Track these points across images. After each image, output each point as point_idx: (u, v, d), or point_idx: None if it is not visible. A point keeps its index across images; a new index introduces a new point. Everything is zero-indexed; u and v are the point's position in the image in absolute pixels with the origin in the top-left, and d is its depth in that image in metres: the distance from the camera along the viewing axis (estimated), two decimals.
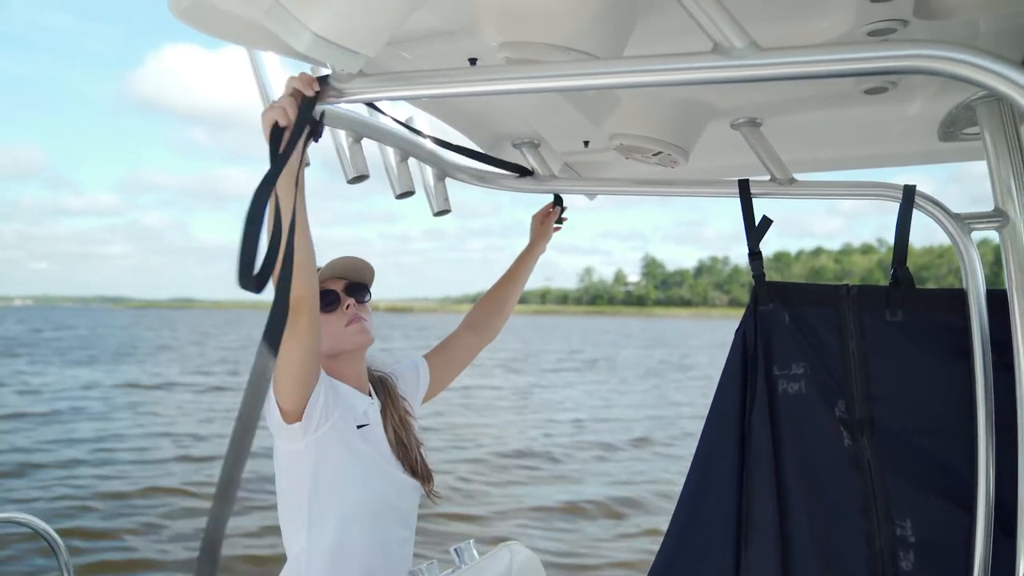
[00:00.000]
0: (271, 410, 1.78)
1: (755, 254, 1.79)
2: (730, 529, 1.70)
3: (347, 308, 1.96)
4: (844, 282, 1.73)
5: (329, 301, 1.95)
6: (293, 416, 1.76)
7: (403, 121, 1.73)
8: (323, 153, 1.93)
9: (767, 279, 1.76)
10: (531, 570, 2.20)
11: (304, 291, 1.55)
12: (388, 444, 1.98)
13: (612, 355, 42.80)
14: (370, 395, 2.01)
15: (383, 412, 2.01)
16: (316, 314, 1.63)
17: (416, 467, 2.00)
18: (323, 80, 1.34)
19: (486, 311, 2.40)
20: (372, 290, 2.05)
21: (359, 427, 1.92)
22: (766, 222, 1.81)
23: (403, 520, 1.99)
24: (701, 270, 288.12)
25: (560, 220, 2.51)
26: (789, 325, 1.74)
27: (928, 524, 1.62)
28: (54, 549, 2.69)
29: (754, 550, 1.67)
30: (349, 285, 2.00)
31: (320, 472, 1.83)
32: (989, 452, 1.54)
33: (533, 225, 2.51)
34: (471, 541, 2.27)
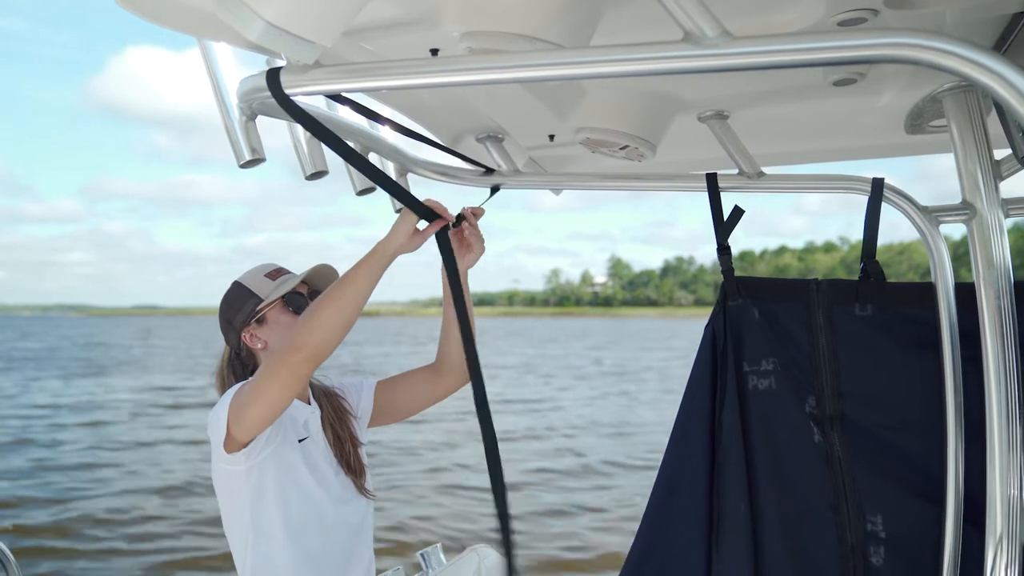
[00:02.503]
0: (215, 433, 1.75)
1: (724, 249, 1.77)
2: (701, 525, 1.68)
3: None
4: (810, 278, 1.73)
5: (299, 305, 1.93)
6: (239, 445, 1.75)
7: (365, 107, 1.68)
8: (285, 154, 1.88)
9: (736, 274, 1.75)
10: (500, 573, 2.16)
11: (326, 349, 1.63)
12: (328, 448, 1.95)
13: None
14: (308, 402, 1.99)
15: (322, 417, 1.98)
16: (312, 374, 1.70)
17: (349, 461, 1.98)
18: (276, 72, 1.29)
19: (441, 351, 2.11)
20: None
21: (300, 440, 1.90)
22: (737, 212, 1.79)
23: (353, 532, 1.96)
24: (667, 270, 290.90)
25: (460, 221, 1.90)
26: (759, 320, 1.73)
27: (898, 519, 1.61)
28: (4, 564, 2.60)
29: (726, 546, 1.66)
30: (311, 292, 1.99)
31: (260, 492, 1.81)
32: (958, 446, 1.54)
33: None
34: (438, 545, 2.23)
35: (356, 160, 1.51)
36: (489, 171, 2.02)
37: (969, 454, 1.53)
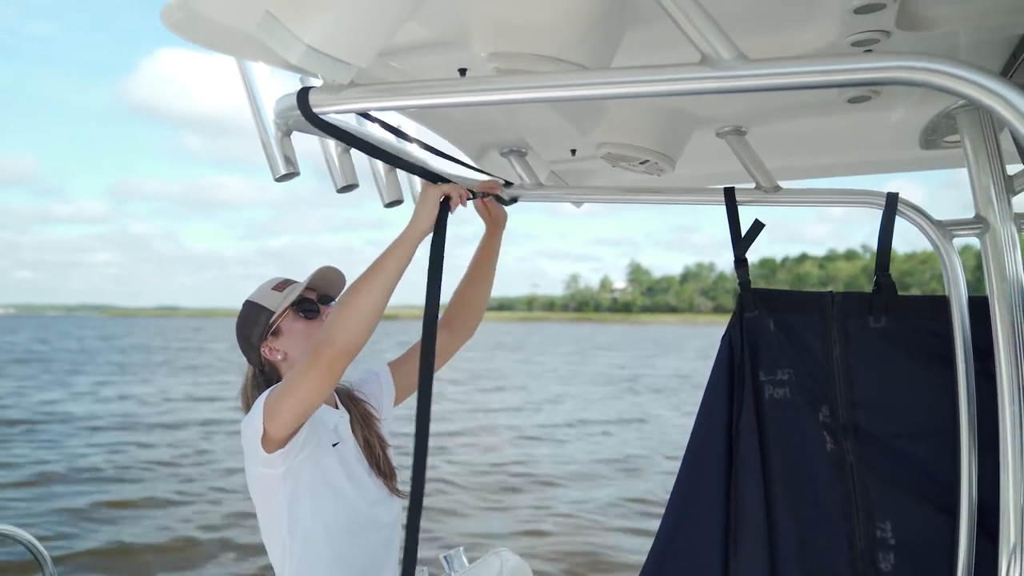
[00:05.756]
0: (251, 436, 1.79)
1: (741, 261, 1.81)
2: (719, 531, 1.71)
3: (325, 318, 2.00)
4: (828, 288, 1.75)
5: (310, 310, 1.98)
6: (276, 445, 1.78)
7: (393, 127, 1.75)
8: (313, 161, 1.95)
9: (753, 286, 1.79)
10: None
11: (359, 342, 1.67)
12: (359, 451, 2.00)
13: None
14: (336, 407, 2.03)
15: (350, 421, 2.03)
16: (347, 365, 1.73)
17: (380, 464, 2.02)
18: (306, 92, 1.36)
19: (457, 308, 2.24)
20: None
21: (334, 445, 1.93)
22: (757, 226, 1.82)
23: (385, 532, 2.00)
24: (687, 276, 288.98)
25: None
26: (774, 331, 1.76)
27: (908, 527, 1.64)
28: (40, 561, 2.67)
29: (743, 553, 1.69)
30: (321, 296, 2.03)
31: (297, 495, 1.85)
32: (972, 457, 1.56)
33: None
34: (461, 548, 2.28)
35: (396, 160, 1.63)
36: (511, 184, 2.08)
37: (981, 465, 1.55)
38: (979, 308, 1.55)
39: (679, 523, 1.75)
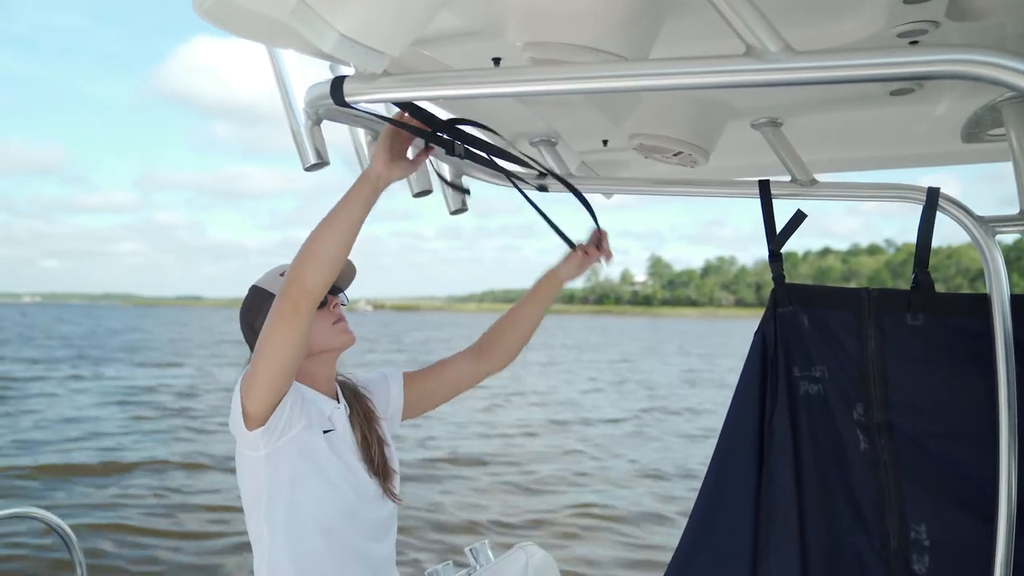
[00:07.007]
0: (234, 415, 1.73)
1: (775, 255, 1.78)
2: (748, 528, 1.70)
3: (334, 307, 1.93)
4: (851, 283, 1.72)
5: None
6: (256, 421, 1.72)
7: (426, 110, 1.73)
8: (341, 151, 1.91)
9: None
10: (546, 571, 2.19)
11: (321, 281, 1.60)
12: (355, 445, 1.92)
13: None
14: (337, 399, 1.96)
15: (350, 415, 1.96)
16: (314, 313, 1.65)
17: (376, 463, 1.93)
18: (340, 81, 1.34)
19: (493, 337, 2.18)
20: (381, 288, 2.03)
21: (325, 432, 1.86)
22: (799, 217, 1.78)
23: (376, 532, 1.92)
24: (708, 270, 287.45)
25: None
26: (808, 328, 1.74)
27: (943, 528, 1.61)
28: (67, 543, 2.69)
29: (773, 548, 1.67)
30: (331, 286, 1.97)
31: (278, 482, 1.78)
32: (1012, 459, 1.52)
33: (574, 256, 2.16)
34: (486, 542, 2.27)
35: (434, 137, 1.60)
36: (543, 174, 2.05)
37: (1022, 467, 1.52)
38: (1020, 306, 1.52)
39: (708, 519, 1.73)
